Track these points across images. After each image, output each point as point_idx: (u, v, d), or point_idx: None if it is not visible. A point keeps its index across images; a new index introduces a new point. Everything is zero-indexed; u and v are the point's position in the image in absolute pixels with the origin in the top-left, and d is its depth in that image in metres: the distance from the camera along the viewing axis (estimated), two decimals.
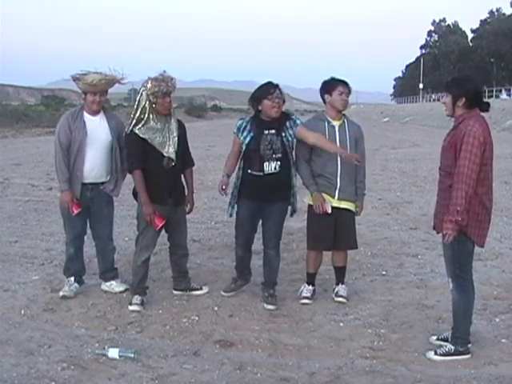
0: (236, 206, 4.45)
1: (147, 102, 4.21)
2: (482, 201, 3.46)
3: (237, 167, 4.43)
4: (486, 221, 3.54)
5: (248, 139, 4.31)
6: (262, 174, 4.28)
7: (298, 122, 4.34)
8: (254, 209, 4.40)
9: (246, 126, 4.35)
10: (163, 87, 4.17)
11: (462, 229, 3.42)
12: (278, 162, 4.30)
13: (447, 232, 3.41)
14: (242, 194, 4.39)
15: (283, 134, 4.31)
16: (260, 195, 4.33)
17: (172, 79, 4.25)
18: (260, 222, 4.52)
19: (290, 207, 4.55)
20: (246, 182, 4.36)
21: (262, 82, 4.42)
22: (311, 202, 4.50)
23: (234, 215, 4.49)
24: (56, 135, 4.54)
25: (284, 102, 4.33)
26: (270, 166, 4.29)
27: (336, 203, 4.42)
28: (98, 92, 4.44)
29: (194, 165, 4.66)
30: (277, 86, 4.30)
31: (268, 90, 4.26)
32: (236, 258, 4.65)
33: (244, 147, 4.33)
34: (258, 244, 4.73)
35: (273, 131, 4.29)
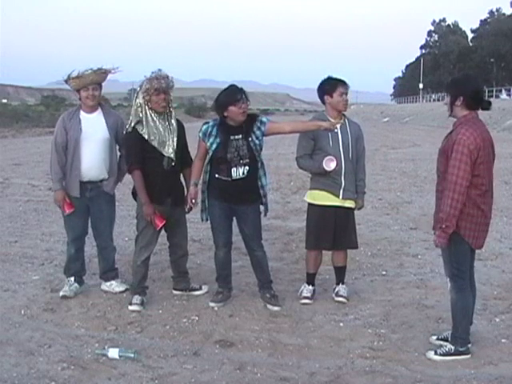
0: (207, 208, 4.39)
1: (142, 100, 4.23)
2: (477, 203, 3.47)
3: (203, 171, 4.34)
4: (482, 223, 3.54)
5: (214, 146, 4.22)
6: (229, 179, 4.22)
7: (264, 119, 4.29)
8: (225, 208, 4.34)
9: (211, 132, 4.26)
10: (154, 84, 4.17)
11: (456, 230, 3.45)
12: (246, 167, 4.23)
13: (435, 239, 3.54)
14: (212, 196, 4.32)
15: (250, 139, 4.23)
16: (230, 198, 4.28)
17: (166, 77, 4.25)
18: (237, 226, 4.47)
19: (262, 207, 4.46)
20: (214, 186, 4.30)
21: (226, 87, 4.30)
22: (311, 201, 4.50)
23: (209, 219, 4.42)
24: (53, 136, 4.55)
25: (248, 105, 4.27)
26: (238, 172, 4.21)
27: (340, 203, 4.42)
28: (88, 85, 4.42)
29: None
30: (241, 89, 4.23)
31: (234, 96, 4.16)
32: (217, 266, 4.57)
33: (210, 153, 4.24)
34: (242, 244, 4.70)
35: (239, 136, 4.22)
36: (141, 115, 4.25)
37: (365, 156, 4.62)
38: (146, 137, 4.23)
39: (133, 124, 4.26)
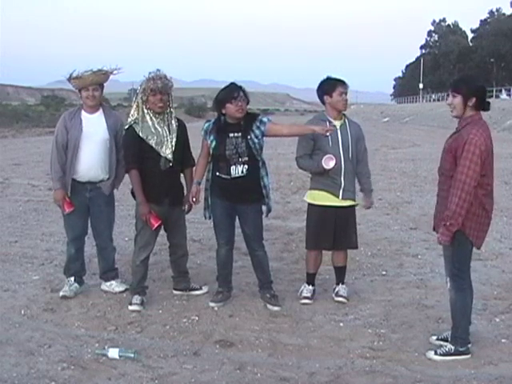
0: (210, 206, 4.43)
1: (140, 100, 4.26)
2: (482, 203, 3.48)
3: (206, 169, 4.40)
4: (485, 223, 3.55)
5: (214, 143, 4.27)
6: (229, 177, 4.25)
7: (264, 119, 4.30)
8: (227, 207, 4.36)
9: (211, 129, 4.32)
10: (151, 84, 4.19)
11: (461, 229, 3.45)
12: (246, 166, 4.24)
13: (439, 236, 3.53)
14: (214, 194, 4.37)
15: (248, 137, 4.23)
16: (230, 196, 4.30)
17: (164, 77, 4.26)
18: (238, 225, 4.48)
19: (264, 207, 4.46)
20: (215, 184, 4.34)
21: (225, 85, 4.35)
22: (311, 201, 4.50)
23: (211, 217, 4.45)
24: (54, 135, 4.56)
25: (248, 103, 4.27)
26: (237, 170, 4.23)
27: (339, 203, 4.42)
28: (89, 86, 4.42)
29: (194, 164, 4.65)
30: (240, 87, 4.24)
31: (231, 93, 4.19)
32: (218, 265, 4.58)
33: (211, 150, 4.30)
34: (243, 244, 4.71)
35: (238, 134, 4.23)
36: (137, 115, 4.27)
37: (367, 156, 4.63)
38: (142, 135, 4.24)
39: (129, 124, 4.28)
